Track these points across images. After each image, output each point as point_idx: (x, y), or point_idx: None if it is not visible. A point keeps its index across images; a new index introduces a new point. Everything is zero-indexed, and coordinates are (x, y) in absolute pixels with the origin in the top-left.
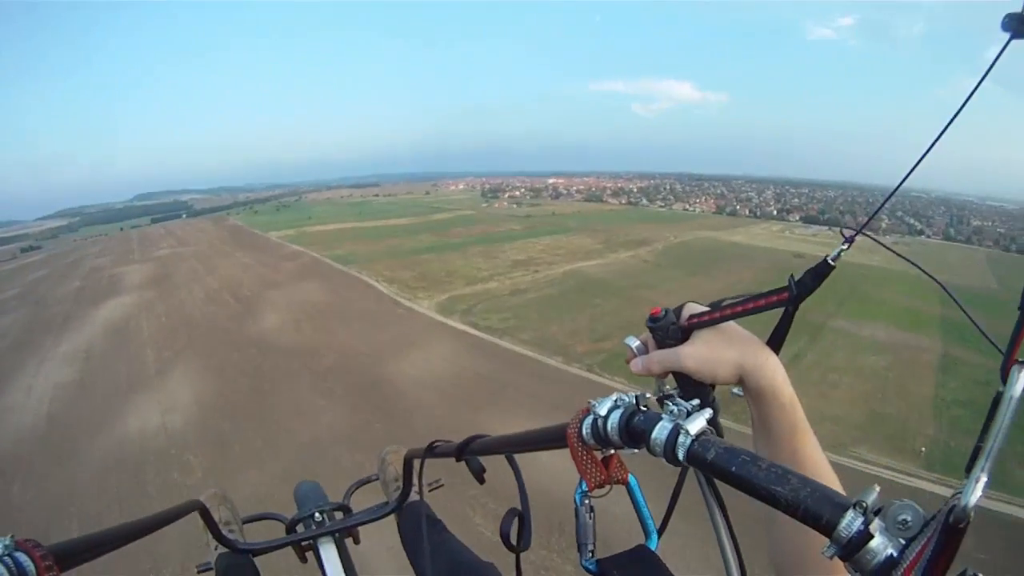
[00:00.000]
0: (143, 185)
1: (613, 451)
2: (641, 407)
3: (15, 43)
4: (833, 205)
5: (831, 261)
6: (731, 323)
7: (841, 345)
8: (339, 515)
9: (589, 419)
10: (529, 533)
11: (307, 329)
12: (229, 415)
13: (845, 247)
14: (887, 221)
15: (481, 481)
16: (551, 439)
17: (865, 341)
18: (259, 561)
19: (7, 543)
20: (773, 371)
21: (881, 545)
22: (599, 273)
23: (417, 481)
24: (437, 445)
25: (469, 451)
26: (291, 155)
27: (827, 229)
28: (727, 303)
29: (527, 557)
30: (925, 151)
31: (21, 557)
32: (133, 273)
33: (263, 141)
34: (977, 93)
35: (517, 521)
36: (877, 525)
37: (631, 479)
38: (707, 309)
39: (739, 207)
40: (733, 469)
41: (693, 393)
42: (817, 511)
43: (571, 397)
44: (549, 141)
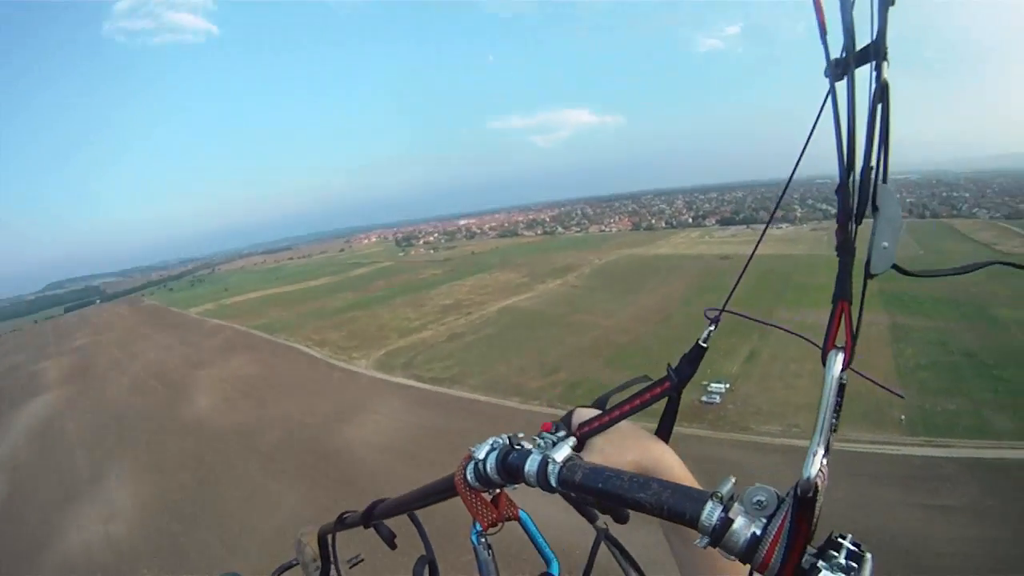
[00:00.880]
0: (53, 274)
1: (499, 490)
2: (515, 446)
3: None
4: (744, 204)
5: (703, 344)
6: (621, 423)
7: (791, 337)
8: None
9: (471, 464)
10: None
11: (244, 407)
12: (178, 515)
13: (712, 328)
14: (800, 210)
15: (392, 547)
16: (444, 489)
17: (811, 326)
18: None
19: None
20: (670, 465)
21: (743, 526)
22: (532, 306)
23: (333, 557)
24: (347, 516)
25: (375, 517)
26: (201, 227)
27: (745, 228)
28: (614, 403)
29: None
30: (797, 159)
31: None
32: (52, 368)
33: (172, 216)
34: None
35: (428, 567)
36: (737, 510)
37: (522, 513)
38: (596, 413)
39: (654, 220)
40: (600, 485)
41: (593, 515)
42: (680, 508)
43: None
44: (456, 184)
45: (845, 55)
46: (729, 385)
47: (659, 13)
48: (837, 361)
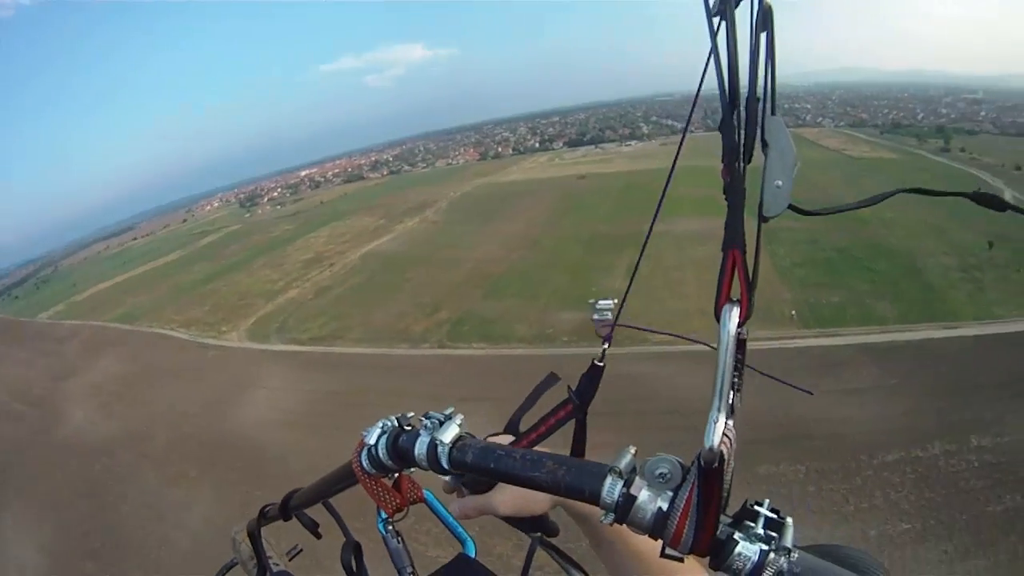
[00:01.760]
0: None
1: (399, 473)
2: (405, 427)
3: None
4: (588, 125)
5: (599, 363)
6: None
7: (666, 246)
8: None
9: (365, 450)
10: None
11: (122, 411)
12: (89, 553)
13: (606, 346)
14: (646, 128)
15: (317, 536)
16: (345, 477)
17: (685, 236)
18: None
19: None
20: None
21: (648, 501)
22: (395, 248)
23: (270, 552)
24: (268, 509)
25: (292, 508)
26: (36, 224)
27: (594, 147)
28: (523, 430)
29: None
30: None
31: None
32: None
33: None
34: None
35: (354, 551)
36: (639, 484)
37: (427, 495)
38: (508, 441)
39: (500, 149)
40: (492, 465)
41: (527, 527)
42: (578, 485)
43: (441, 381)
44: (294, 135)
45: None
46: (615, 300)
47: None
48: (733, 316)
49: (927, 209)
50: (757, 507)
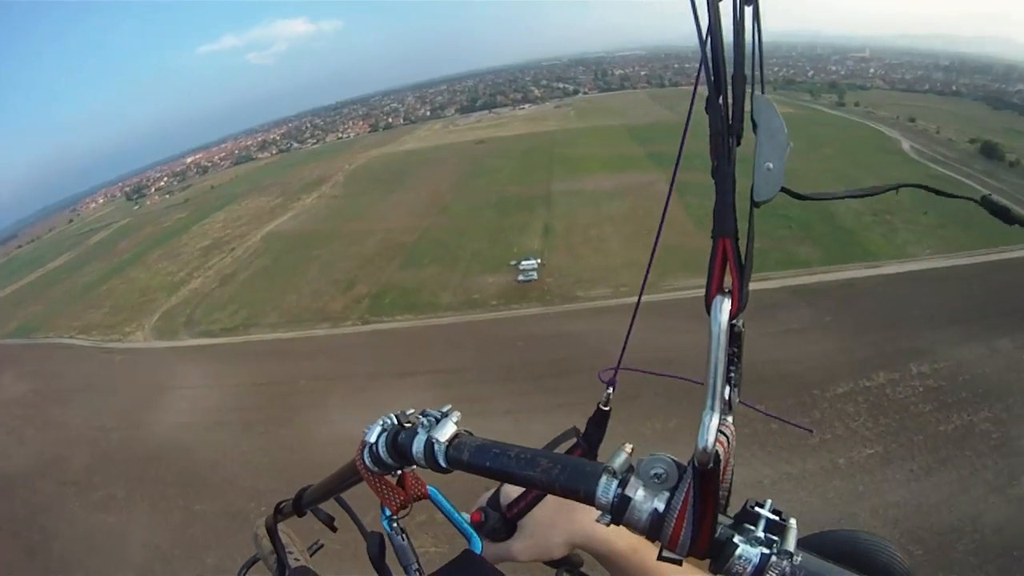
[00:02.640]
0: None
1: (402, 470)
2: (404, 425)
3: None
4: (478, 91)
5: (604, 408)
6: (548, 498)
7: (579, 204)
8: None
9: (366, 449)
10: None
11: (33, 435)
12: None
13: (610, 391)
14: (538, 91)
15: (333, 529)
16: (351, 474)
17: (596, 193)
18: None
19: None
20: (604, 535)
21: (644, 501)
22: (297, 225)
23: (291, 548)
24: (283, 505)
25: (305, 503)
26: None
27: (488, 112)
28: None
29: None
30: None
31: None
32: None
33: None
34: None
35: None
36: (635, 484)
37: (431, 490)
38: (522, 490)
39: (391, 119)
40: (488, 464)
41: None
42: (573, 485)
43: (372, 358)
44: (177, 121)
45: None
46: (540, 260)
47: None
48: (724, 307)
49: (831, 159)
50: (758, 508)
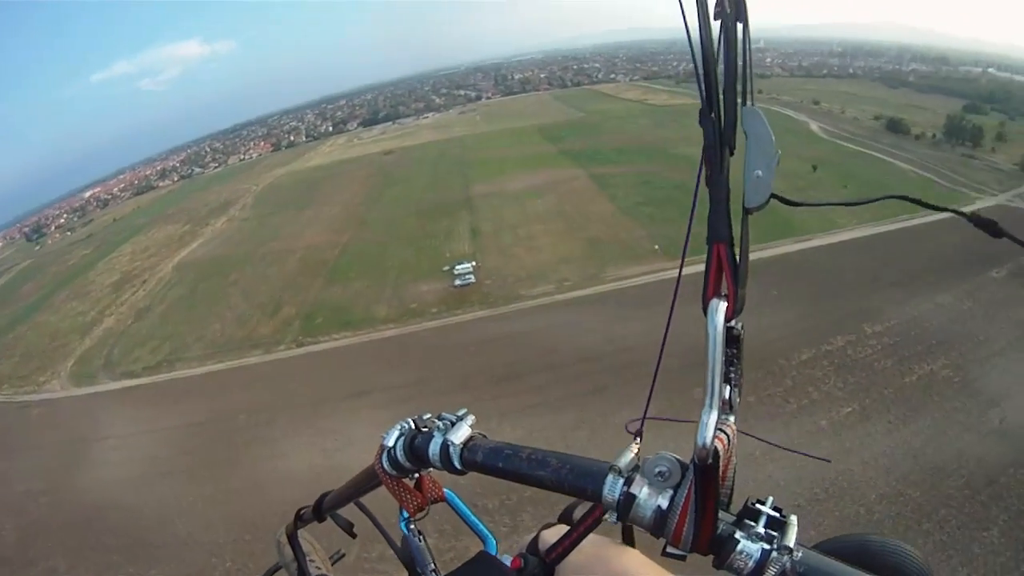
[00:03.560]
0: None
1: (419, 474)
2: (421, 429)
3: None
4: (378, 104)
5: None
6: (588, 539)
7: (502, 205)
8: None
9: (384, 453)
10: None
11: None
12: None
13: (638, 441)
14: (439, 99)
15: (352, 535)
16: (370, 479)
17: (518, 193)
18: None
19: None
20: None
21: (649, 499)
22: (210, 251)
23: (313, 555)
24: (303, 512)
25: (325, 509)
26: None
27: (392, 124)
28: (580, 513)
29: None
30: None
31: None
32: None
33: None
34: None
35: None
36: (640, 482)
37: (447, 493)
38: (562, 532)
39: (292, 137)
40: (501, 465)
41: None
42: (580, 484)
43: (316, 380)
44: (71, 156)
45: None
46: (475, 263)
47: None
48: (719, 311)
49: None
50: (759, 505)
